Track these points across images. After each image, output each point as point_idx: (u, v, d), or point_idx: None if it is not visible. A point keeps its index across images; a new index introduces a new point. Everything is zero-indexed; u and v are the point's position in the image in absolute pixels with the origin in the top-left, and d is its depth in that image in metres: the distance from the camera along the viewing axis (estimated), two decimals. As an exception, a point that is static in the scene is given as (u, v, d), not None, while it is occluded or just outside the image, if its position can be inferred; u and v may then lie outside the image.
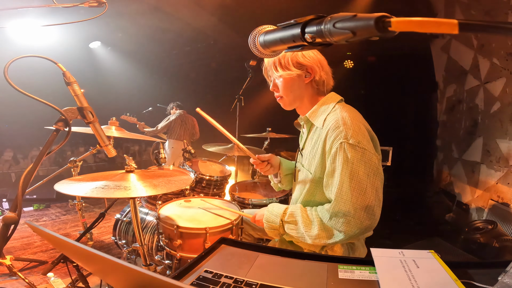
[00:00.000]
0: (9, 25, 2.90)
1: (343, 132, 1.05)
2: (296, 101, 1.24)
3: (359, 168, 1.03)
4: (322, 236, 1.08)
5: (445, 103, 4.42)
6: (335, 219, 1.05)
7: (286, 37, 0.49)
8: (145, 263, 1.36)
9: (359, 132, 1.06)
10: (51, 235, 0.52)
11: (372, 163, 1.05)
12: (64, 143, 0.97)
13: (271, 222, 1.21)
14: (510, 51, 3.02)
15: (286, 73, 1.18)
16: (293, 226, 1.15)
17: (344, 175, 1.04)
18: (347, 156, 1.04)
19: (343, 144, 1.04)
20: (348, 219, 1.03)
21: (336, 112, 1.13)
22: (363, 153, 1.04)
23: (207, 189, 2.13)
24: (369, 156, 1.05)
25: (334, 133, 1.07)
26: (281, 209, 1.20)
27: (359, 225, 1.02)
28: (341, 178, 1.05)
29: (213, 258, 0.81)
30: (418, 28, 0.33)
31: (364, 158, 1.04)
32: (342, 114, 1.10)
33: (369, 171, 1.04)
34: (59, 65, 0.98)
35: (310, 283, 0.69)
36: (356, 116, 1.12)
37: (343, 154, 1.04)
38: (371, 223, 1.04)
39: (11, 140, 4.74)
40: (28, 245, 2.79)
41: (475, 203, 3.51)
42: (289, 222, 1.17)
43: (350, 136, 1.04)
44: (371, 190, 1.03)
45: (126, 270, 0.44)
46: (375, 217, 1.04)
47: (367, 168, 1.04)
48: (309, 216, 1.13)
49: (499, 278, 0.59)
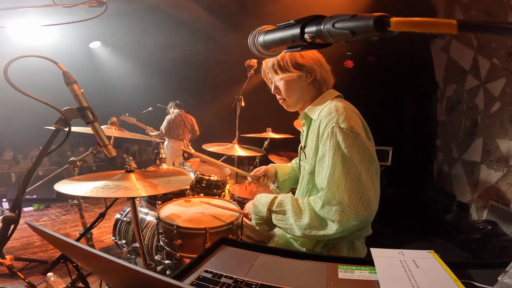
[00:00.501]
0: (9, 25, 2.90)
1: (335, 118, 1.03)
2: (300, 102, 1.24)
3: (352, 152, 0.98)
4: (313, 226, 1.01)
5: (445, 103, 4.42)
6: (328, 207, 0.98)
7: (285, 37, 0.49)
8: (145, 263, 1.36)
9: (352, 118, 1.03)
10: (51, 235, 0.52)
11: (366, 149, 1.00)
12: (64, 143, 0.97)
13: (258, 213, 1.15)
14: (510, 51, 3.02)
15: (287, 75, 1.17)
16: (281, 217, 1.09)
17: (336, 159, 0.99)
18: (338, 140, 1.00)
19: (335, 129, 1.01)
20: (342, 207, 0.95)
21: (331, 103, 1.12)
22: (356, 138, 1.00)
23: (207, 189, 2.13)
24: (362, 142, 1.00)
25: (326, 119, 1.05)
26: (269, 198, 1.14)
27: (354, 214, 0.95)
28: (333, 162, 0.99)
29: (213, 258, 0.81)
30: (417, 28, 0.33)
31: (357, 142, 0.99)
32: (336, 104, 1.09)
33: (363, 156, 0.99)
34: (59, 65, 0.98)
35: (310, 283, 0.69)
36: (351, 107, 1.11)
37: (335, 138, 1.00)
38: (368, 214, 0.96)
39: (11, 140, 4.75)
40: (28, 245, 2.79)
41: (475, 203, 3.51)
42: (277, 212, 1.09)
43: (342, 121, 1.01)
44: (366, 177, 0.97)
45: (126, 270, 0.44)
46: (371, 208, 0.96)
47: (361, 153, 0.99)
48: (300, 205, 1.07)
49: (499, 278, 0.59)
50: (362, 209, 0.96)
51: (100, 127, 1.10)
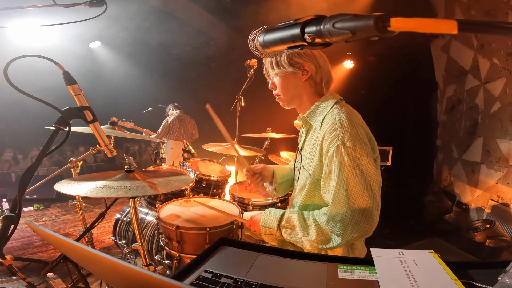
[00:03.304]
0: (9, 25, 2.90)
1: (340, 135, 1.04)
2: (294, 99, 1.23)
3: (356, 171, 1.02)
4: (319, 241, 1.07)
5: (445, 103, 4.42)
6: (332, 223, 1.04)
7: (285, 37, 0.49)
8: (145, 263, 1.36)
9: (356, 135, 1.05)
10: (51, 235, 0.52)
11: (370, 166, 1.04)
12: (64, 143, 0.97)
13: (267, 227, 1.19)
14: (510, 51, 3.02)
15: (281, 71, 1.17)
16: (291, 231, 1.14)
17: (340, 178, 1.03)
18: (343, 159, 1.03)
19: (340, 147, 1.03)
20: (346, 224, 1.01)
21: (333, 113, 1.11)
22: (360, 156, 1.03)
23: (207, 189, 2.13)
24: (366, 159, 1.04)
25: (331, 135, 1.06)
26: (278, 213, 1.19)
27: (356, 229, 1.01)
28: (338, 181, 1.04)
29: (213, 258, 0.81)
30: (417, 28, 0.33)
31: (361, 161, 1.03)
32: (339, 115, 1.08)
33: (366, 175, 1.03)
34: (59, 65, 0.98)
35: (310, 283, 0.69)
36: (354, 118, 1.11)
37: (340, 156, 1.03)
38: (369, 227, 1.02)
39: (11, 140, 4.75)
40: (28, 245, 2.79)
41: (475, 203, 3.51)
42: (286, 227, 1.15)
43: (347, 139, 1.03)
44: (369, 194, 1.02)
45: (126, 270, 0.44)
46: (373, 221, 1.02)
47: (364, 171, 1.03)
48: (306, 220, 1.12)
49: (499, 278, 0.59)
50: (364, 223, 1.01)
51: (100, 127, 1.10)
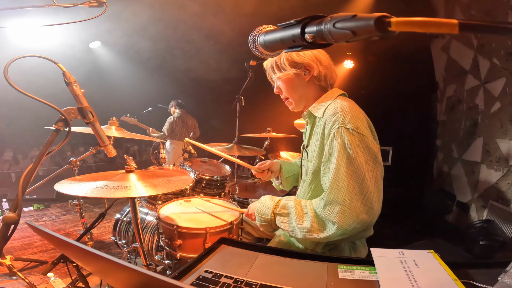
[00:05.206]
0: (9, 25, 2.90)
1: (341, 118, 1.02)
2: (302, 100, 1.23)
3: (357, 153, 0.97)
4: (314, 229, 1.01)
5: (445, 103, 4.42)
6: (329, 208, 0.98)
7: (286, 37, 0.49)
8: (145, 263, 1.36)
9: (358, 118, 1.02)
10: (51, 235, 0.52)
11: (371, 150, 0.99)
12: (64, 143, 0.97)
13: (262, 215, 1.15)
14: (510, 51, 3.02)
15: (283, 74, 1.17)
16: (285, 219, 1.09)
17: (340, 160, 0.98)
18: (344, 140, 0.99)
19: (340, 129, 1.00)
20: (343, 209, 0.95)
21: (336, 102, 1.10)
22: (362, 139, 0.99)
23: (207, 189, 2.13)
24: (368, 143, 0.99)
25: (332, 119, 1.04)
26: (274, 200, 1.15)
27: (354, 217, 0.94)
28: (337, 163, 0.99)
29: (213, 258, 0.81)
30: (418, 28, 0.33)
31: (363, 144, 0.99)
32: (341, 103, 1.08)
33: (368, 158, 0.98)
34: (59, 65, 0.98)
35: (310, 283, 0.69)
36: (356, 106, 1.10)
37: (340, 138, 1.00)
38: (369, 218, 0.95)
39: (11, 140, 4.74)
40: (28, 245, 2.79)
41: (475, 203, 3.51)
42: (281, 215, 1.11)
43: (348, 121, 1.01)
44: (370, 179, 0.96)
45: (126, 270, 0.44)
46: (373, 211, 0.95)
47: (366, 154, 0.98)
48: (303, 207, 1.07)
49: (499, 278, 0.59)
50: (364, 212, 0.95)
51: (100, 127, 1.10)
